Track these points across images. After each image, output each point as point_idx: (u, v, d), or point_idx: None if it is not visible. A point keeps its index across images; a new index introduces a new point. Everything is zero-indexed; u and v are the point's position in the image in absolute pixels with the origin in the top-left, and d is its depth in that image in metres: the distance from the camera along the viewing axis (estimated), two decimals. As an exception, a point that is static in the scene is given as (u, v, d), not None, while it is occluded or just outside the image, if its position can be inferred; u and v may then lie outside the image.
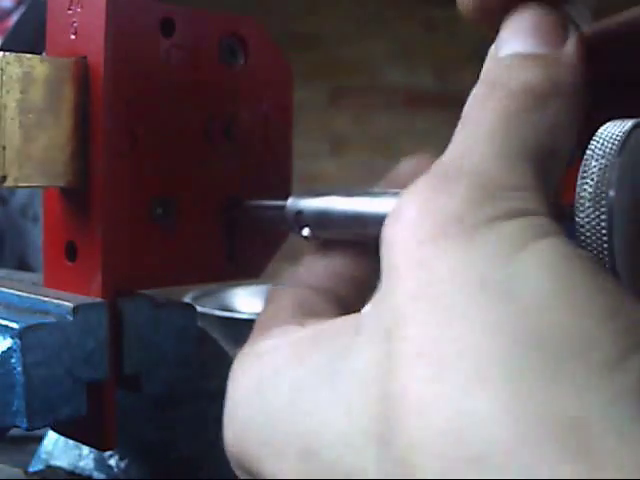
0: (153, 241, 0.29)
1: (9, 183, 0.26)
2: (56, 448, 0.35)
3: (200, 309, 0.38)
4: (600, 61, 0.23)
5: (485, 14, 0.22)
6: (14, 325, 0.25)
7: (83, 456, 0.35)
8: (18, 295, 0.28)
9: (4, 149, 0.26)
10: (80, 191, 0.28)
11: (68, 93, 0.28)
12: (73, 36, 0.28)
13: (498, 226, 0.18)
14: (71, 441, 0.34)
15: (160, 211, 0.30)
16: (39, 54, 0.28)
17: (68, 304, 0.26)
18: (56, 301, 0.27)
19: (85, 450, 0.34)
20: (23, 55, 0.27)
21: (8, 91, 0.26)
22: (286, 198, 0.29)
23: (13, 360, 0.25)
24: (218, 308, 0.45)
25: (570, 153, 0.20)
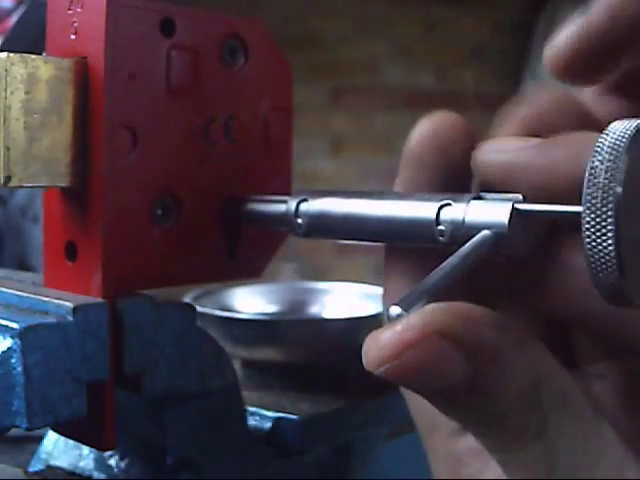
0: (153, 241, 0.29)
1: (14, 183, 0.26)
2: (56, 448, 0.35)
3: (200, 309, 0.38)
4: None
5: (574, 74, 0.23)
6: (14, 325, 0.25)
7: (83, 456, 0.34)
8: (18, 295, 0.28)
9: (8, 150, 0.26)
10: (80, 191, 0.28)
11: (70, 93, 0.28)
12: (73, 36, 0.28)
13: None
14: (71, 441, 0.34)
15: (160, 211, 0.30)
16: (39, 54, 0.27)
17: (68, 304, 0.26)
18: (56, 301, 0.27)
19: (85, 450, 0.34)
20: (27, 55, 0.27)
21: (12, 92, 0.26)
22: (286, 198, 0.29)
23: (13, 360, 0.25)
24: (218, 308, 0.45)
25: None
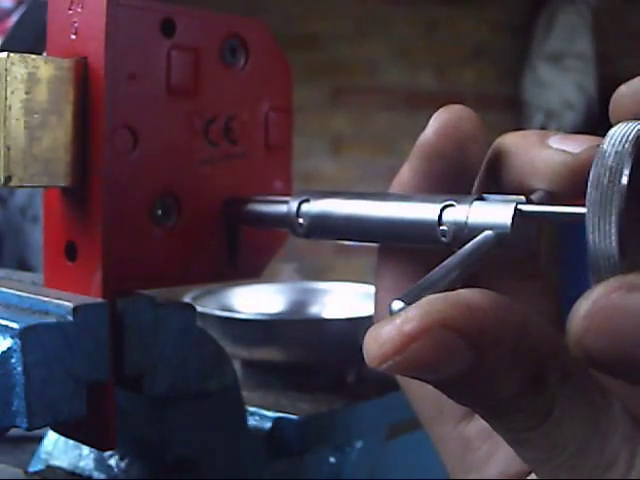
0: (153, 241, 0.29)
1: (14, 183, 0.26)
2: (56, 448, 0.35)
3: (200, 309, 0.38)
4: None
5: None
6: (14, 325, 0.25)
7: (83, 456, 0.34)
8: (18, 295, 0.28)
9: (9, 150, 0.26)
10: (80, 191, 0.28)
11: (70, 93, 0.28)
12: (73, 36, 0.28)
13: None
14: (71, 441, 0.34)
15: (160, 211, 0.30)
16: (39, 54, 0.27)
17: (68, 304, 0.26)
18: (56, 301, 0.27)
19: (85, 450, 0.34)
20: (28, 55, 0.26)
21: (13, 92, 0.26)
22: (287, 198, 0.29)
23: (13, 360, 0.25)
24: (218, 308, 0.45)
25: None
